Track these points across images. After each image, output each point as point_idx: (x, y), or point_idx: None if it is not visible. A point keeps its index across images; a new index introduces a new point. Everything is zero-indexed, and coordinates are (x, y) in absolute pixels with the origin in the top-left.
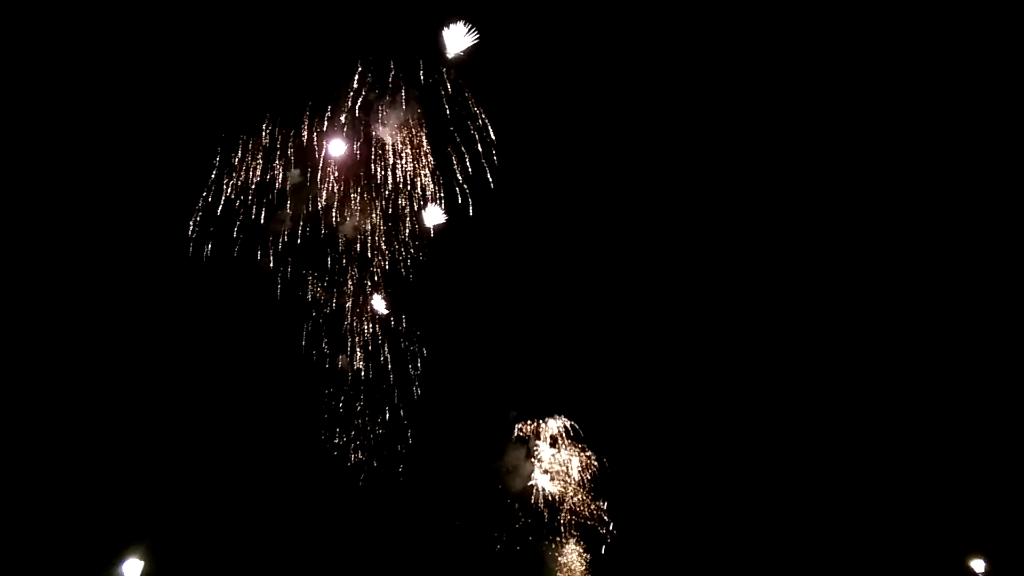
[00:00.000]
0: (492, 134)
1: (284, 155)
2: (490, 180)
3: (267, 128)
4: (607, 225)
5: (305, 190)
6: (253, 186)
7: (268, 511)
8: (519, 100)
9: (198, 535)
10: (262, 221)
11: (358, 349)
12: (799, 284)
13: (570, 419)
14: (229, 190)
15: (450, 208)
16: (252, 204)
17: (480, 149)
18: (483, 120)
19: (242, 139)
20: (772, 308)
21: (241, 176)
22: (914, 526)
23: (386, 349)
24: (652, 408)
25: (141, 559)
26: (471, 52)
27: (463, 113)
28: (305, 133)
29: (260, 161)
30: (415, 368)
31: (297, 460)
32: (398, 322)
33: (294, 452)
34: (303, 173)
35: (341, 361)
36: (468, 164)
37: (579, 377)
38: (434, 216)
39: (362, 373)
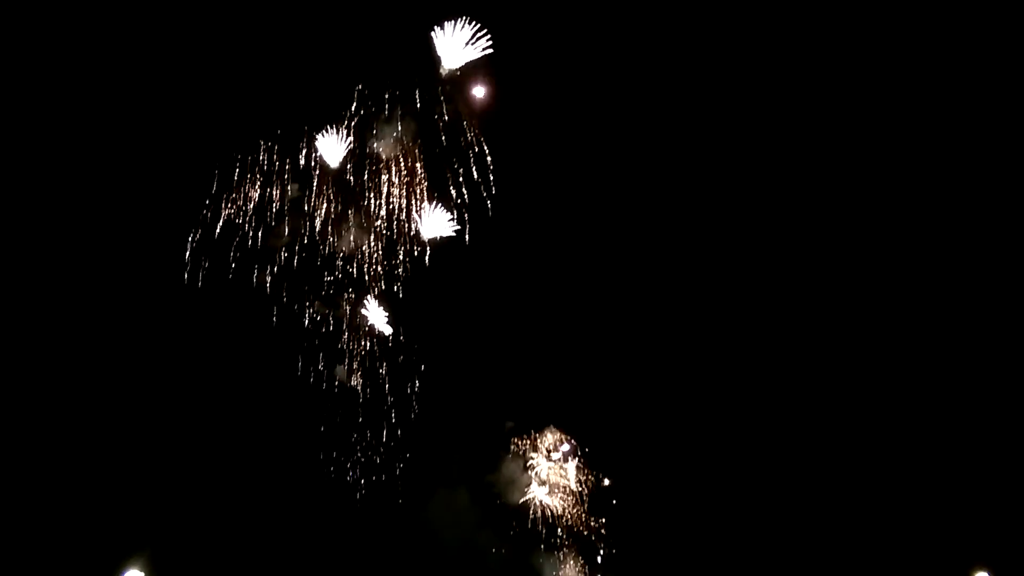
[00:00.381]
0: (488, 157)
1: (280, 178)
2: (487, 194)
3: (264, 149)
4: (604, 238)
5: (302, 212)
6: (251, 205)
7: (267, 525)
8: (514, 113)
9: (198, 547)
10: (259, 243)
11: (355, 366)
12: (797, 294)
13: (567, 431)
14: (226, 213)
15: (447, 221)
16: (249, 226)
17: (475, 166)
18: (475, 136)
19: (238, 161)
20: (770, 319)
21: (239, 199)
22: (918, 539)
23: (384, 367)
24: (648, 420)
25: (142, 570)
26: (466, 68)
27: (460, 137)
28: (303, 156)
29: (259, 178)
30: (412, 385)
31: (295, 476)
32: (395, 339)
33: (292, 468)
34: (299, 195)
35: (338, 374)
36: (466, 178)
37: (576, 389)
38: (431, 229)
39: (359, 391)
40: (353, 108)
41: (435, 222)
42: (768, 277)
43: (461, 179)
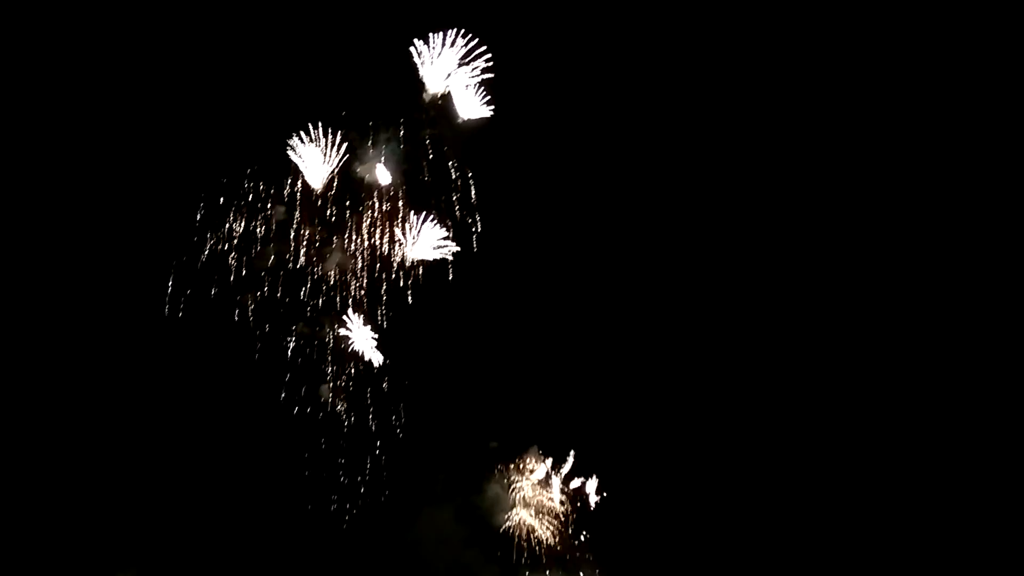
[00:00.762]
0: (472, 185)
1: (265, 205)
2: (471, 220)
3: (248, 175)
4: (586, 256)
5: (286, 238)
6: (236, 235)
7: (255, 547)
8: (496, 135)
9: (186, 564)
10: (243, 270)
11: (339, 385)
12: (785, 307)
13: (550, 452)
14: (209, 247)
15: (431, 246)
16: (233, 256)
17: (458, 195)
18: (455, 166)
19: (223, 190)
20: (756, 335)
21: (223, 233)
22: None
23: (369, 387)
24: (632, 440)
25: None
26: (449, 92)
27: (445, 162)
28: (287, 183)
29: (244, 206)
30: (397, 405)
31: (281, 498)
32: (380, 359)
33: (279, 491)
34: (284, 218)
35: (322, 394)
36: (450, 205)
37: (559, 409)
38: (416, 254)
39: (344, 412)
40: (339, 134)
41: (420, 247)
42: (751, 295)
43: (443, 206)
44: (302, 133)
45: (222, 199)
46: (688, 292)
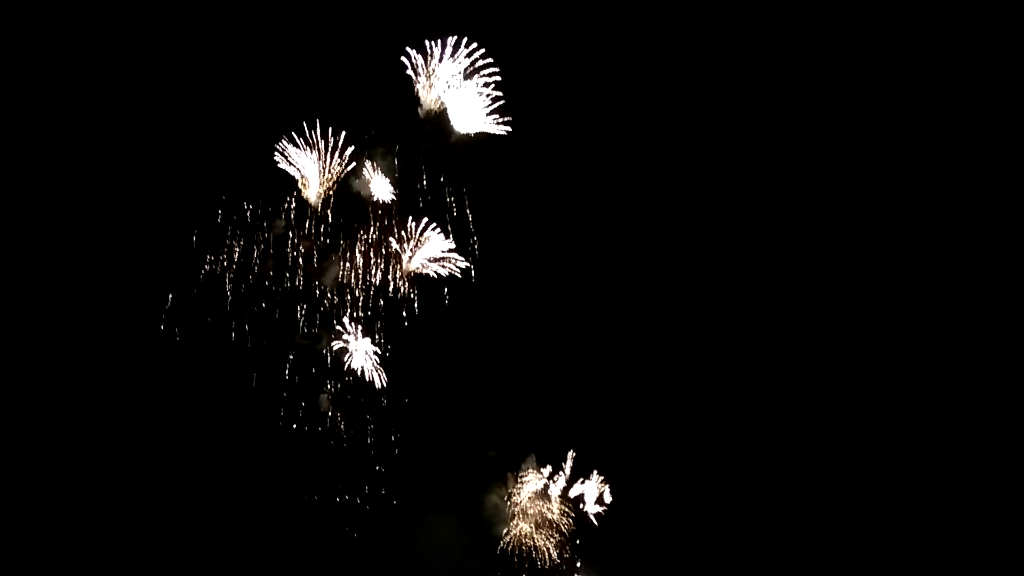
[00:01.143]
0: (467, 202)
1: (262, 234)
2: (471, 240)
3: (246, 202)
4: (582, 262)
5: (285, 258)
6: (234, 253)
7: (258, 555)
8: (493, 150)
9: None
10: (242, 288)
11: (339, 407)
12: (778, 318)
13: (548, 460)
14: (208, 267)
15: (430, 259)
16: (230, 276)
17: (454, 211)
18: (450, 187)
19: (220, 212)
20: (746, 344)
21: (223, 254)
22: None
23: (367, 405)
24: (630, 447)
25: None
26: (445, 109)
27: (441, 178)
28: (285, 204)
29: (242, 227)
30: (398, 416)
31: (283, 512)
32: (382, 367)
33: (280, 504)
34: (281, 244)
35: (323, 408)
36: (448, 221)
37: (557, 419)
38: (414, 268)
39: (343, 430)
40: (337, 149)
41: (416, 262)
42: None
43: (439, 226)
44: (300, 147)
45: (220, 215)
46: (684, 298)
